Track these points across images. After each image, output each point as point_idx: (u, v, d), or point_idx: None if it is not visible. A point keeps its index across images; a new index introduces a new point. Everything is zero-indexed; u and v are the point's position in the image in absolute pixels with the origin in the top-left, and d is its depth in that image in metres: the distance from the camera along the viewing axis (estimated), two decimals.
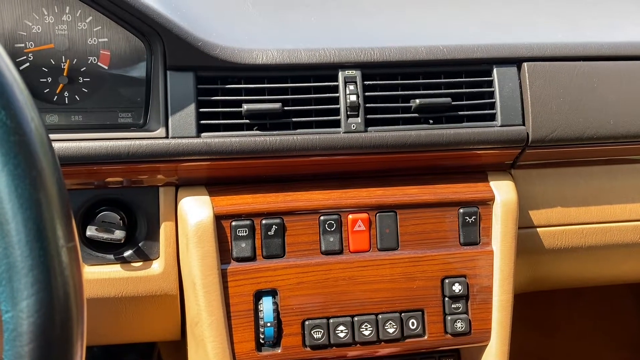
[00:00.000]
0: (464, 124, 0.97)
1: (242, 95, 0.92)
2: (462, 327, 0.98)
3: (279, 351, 0.93)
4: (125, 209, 0.94)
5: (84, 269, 0.92)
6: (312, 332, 0.93)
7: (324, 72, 0.94)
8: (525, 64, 0.98)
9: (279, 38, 0.97)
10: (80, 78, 0.91)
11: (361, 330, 0.95)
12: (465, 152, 0.97)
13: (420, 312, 0.97)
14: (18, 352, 0.42)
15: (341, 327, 0.94)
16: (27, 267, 0.42)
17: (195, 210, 0.92)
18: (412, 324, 0.96)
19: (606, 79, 1.00)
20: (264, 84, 0.93)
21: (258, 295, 0.93)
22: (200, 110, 0.90)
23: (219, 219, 0.92)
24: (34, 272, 0.42)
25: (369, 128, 0.94)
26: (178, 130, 0.89)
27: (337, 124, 0.93)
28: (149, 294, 0.95)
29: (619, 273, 1.19)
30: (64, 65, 0.91)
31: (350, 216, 0.95)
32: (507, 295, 0.99)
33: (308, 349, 0.94)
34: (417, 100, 0.95)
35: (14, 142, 0.42)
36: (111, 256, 0.94)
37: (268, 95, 0.92)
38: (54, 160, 0.44)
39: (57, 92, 0.91)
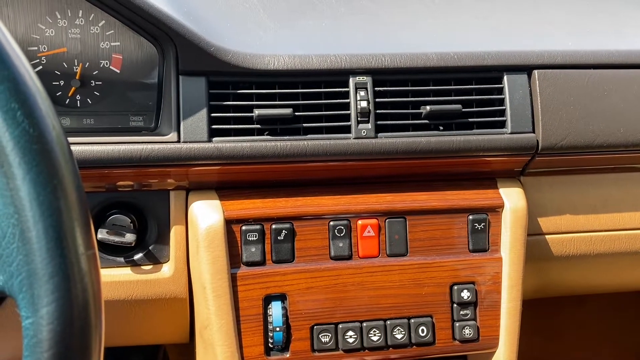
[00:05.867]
0: (474, 130, 0.97)
1: (253, 101, 0.92)
2: (470, 334, 0.98)
3: (288, 356, 0.93)
4: (136, 212, 0.95)
5: None
6: (320, 337, 0.94)
7: (335, 78, 0.94)
8: (535, 72, 0.98)
9: (290, 44, 0.97)
10: (93, 81, 0.92)
11: (370, 335, 0.95)
12: (474, 159, 0.98)
13: (428, 318, 0.97)
14: (38, 359, 0.42)
15: (350, 333, 0.94)
16: (48, 274, 0.42)
17: (206, 215, 0.92)
18: (421, 330, 0.96)
19: (616, 87, 1.00)
20: (275, 89, 0.93)
21: (267, 300, 0.93)
22: (212, 115, 0.90)
23: (229, 223, 0.92)
24: (55, 280, 0.42)
25: (379, 134, 0.94)
26: (190, 134, 0.89)
27: (347, 129, 0.94)
28: (158, 297, 0.95)
29: (627, 281, 1.19)
30: (76, 69, 0.91)
31: (359, 222, 0.96)
32: (515, 302, 0.99)
33: (316, 353, 0.94)
34: (428, 107, 0.95)
35: (36, 151, 0.43)
36: (121, 259, 0.94)
37: (279, 100, 0.93)
38: (74, 168, 0.45)
39: (69, 95, 0.92)
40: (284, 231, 0.94)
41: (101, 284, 0.46)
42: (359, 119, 0.93)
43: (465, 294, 0.97)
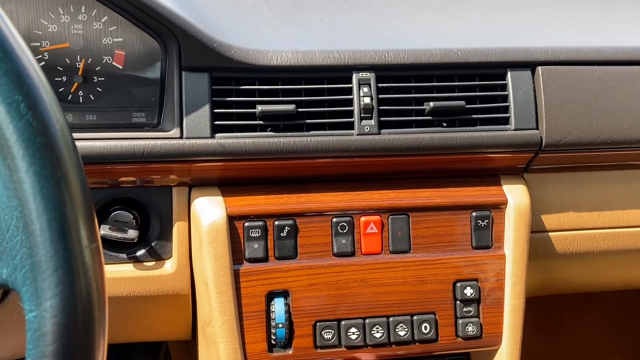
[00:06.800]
0: (478, 127, 0.97)
1: (256, 97, 0.92)
2: (473, 331, 0.98)
3: (290, 352, 0.93)
4: (139, 209, 0.94)
5: None
6: (323, 333, 0.94)
7: (338, 74, 0.94)
8: (539, 68, 0.98)
9: (293, 39, 0.97)
10: (95, 77, 0.92)
11: (372, 332, 0.95)
12: (478, 156, 0.97)
13: (431, 315, 0.97)
14: (41, 352, 0.42)
15: (353, 329, 0.94)
16: (52, 267, 0.42)
17: (209, 211, 0.92)
18: (424, 327, 0.96)
19: (620, 83, 1.00)
20: (278, 85, 0.93)
21: (270, 296, 0.93)
22: (215, 111, 0.90)
23: (231, 219, 0.92)
24: (59, 272, 0.42)
25: (383, 130, 0.94)
26: (192, 130, 0.89)
27: (350, 126, 0.93)
28: (161, 293, 0.95)
29: (630, 278, 1.19)
30: (79, 65, 0.91)
31: (362, 218, 0.95)
32: (518, 299, 0.99)
33: (319, 350, 0.94)
34: (431, 103, 0.95)
35: (40, 143, 0.42)
36: (124, 255, 0.94)
37: (282, 96, 0.92)
38: (79, 161, 0.44)
39: (72, 91, 0.91)
40: (286, 227, 0.93)
41: (105, 277, 0.45)
42: (362, 115, 0.93)
43: (469, 291, 0.97)
